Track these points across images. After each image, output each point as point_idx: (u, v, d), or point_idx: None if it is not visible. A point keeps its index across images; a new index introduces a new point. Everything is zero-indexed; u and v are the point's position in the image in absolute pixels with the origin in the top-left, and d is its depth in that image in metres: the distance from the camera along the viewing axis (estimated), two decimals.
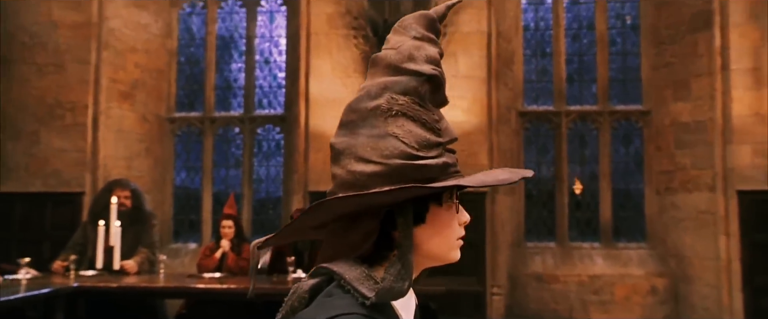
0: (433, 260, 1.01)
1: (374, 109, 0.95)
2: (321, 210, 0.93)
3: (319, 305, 0.90)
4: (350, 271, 0.91)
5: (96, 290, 4.41)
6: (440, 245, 0.98)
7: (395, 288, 0.90)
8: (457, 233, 1.00)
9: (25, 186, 5.98)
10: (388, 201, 0.92)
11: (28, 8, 6.14)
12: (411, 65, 0.97)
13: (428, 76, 0.98)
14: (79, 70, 6.10)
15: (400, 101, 0.95)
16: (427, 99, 0.97)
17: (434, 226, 0.97)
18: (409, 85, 0.96)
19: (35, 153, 6.01)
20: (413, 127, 0.94)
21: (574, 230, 6.72)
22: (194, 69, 7.07)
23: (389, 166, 0.91)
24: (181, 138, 6.93)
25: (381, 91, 0.96)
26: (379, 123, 0.94)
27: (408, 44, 1.00)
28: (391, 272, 0.91)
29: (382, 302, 0.89)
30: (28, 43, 6.14)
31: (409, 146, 0.92)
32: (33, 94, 6.06)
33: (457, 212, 1.00)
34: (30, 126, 6.04)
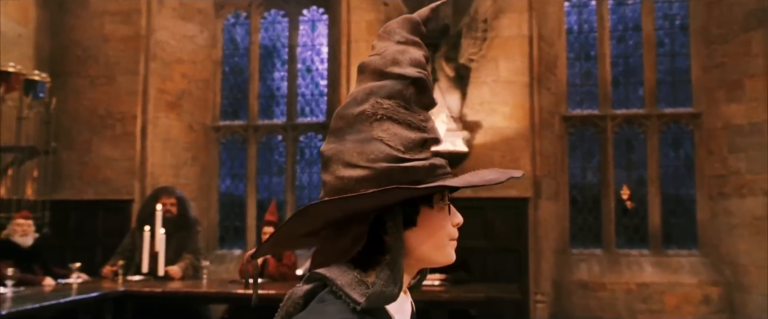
0: (428, 263, 1.00)
1: (360, 114, 0.96)
2: (307, 215, 0.93)
3: (311, 311, 0.91)
4: (342, 276, 0.91)
5: (142, 294, 4.54)
6: (433, 247, 0.98)
7: (386, 293, 0.90)
8: (450, 235, 1.00)
9: (79, 194, 6.21)
10: (376, 205, 0.92)
11: (81, 24, 6.40)
12: (395, 69, 0.98)
13: (413, 79, 0.98)
14: (129, 82, 6.31)
15: (385, 105, 0.95)
16: (412, 101, 0.98)
17: (426, 228, 0.97)
18: (394, 89, 0.96)
19: (88, 162, 6.24)
20: (399, 130, 0.94)
21: (622, 236, 6.54)
22: (238, 78, 7.21)
23: (376, 170, 0.92)
24: (225, 146, 7.07)
25: (366, 97, 0.97)
26: (365, 128, 0.94)
27: (392, 49, 1.01)
28: (381, 276, 0.91)
29: (373, 307, 0.89)
30: (81, 57, 6.38)
31: (394, 149, 0.92)
32: (86, 105, 6.30)
33: (449, 214, 0.99)
34: (83, 136, 6.27)
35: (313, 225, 0.97)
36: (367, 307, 0.88)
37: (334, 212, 0.93)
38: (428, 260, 1.00)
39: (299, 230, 0.97)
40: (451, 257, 1.01)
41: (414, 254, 0.97)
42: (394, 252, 0.93)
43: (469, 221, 4.75)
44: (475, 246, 5.74)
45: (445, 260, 1.00)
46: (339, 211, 0.93)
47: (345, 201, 0.91)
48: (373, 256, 0.95)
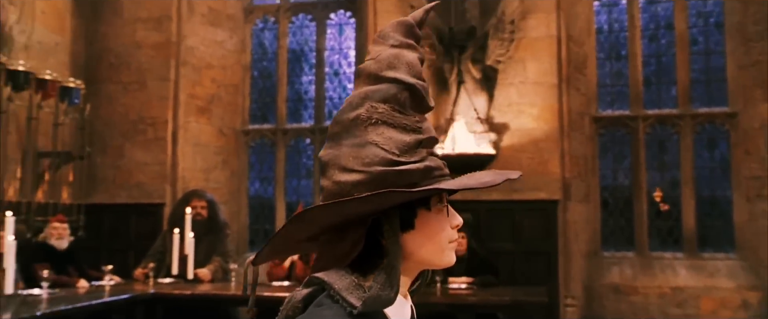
0: (427, 265, 1.00)
1: (355, 119, 0.96)
2: (304, 220, 0.93)
3: (308, 315, 0.91)
4: (340, 280, 0.91)
5: (172, 296, 4.62)
6: (432, 250, 0.97)
7: (382, 297, 0.89)
8: (449, 237, 0.99)
9: (112, 198, 6.35)
10: (372, 209, 0.92)
11: (114, 31, 6.54)
12: (390, 73, 0.97)
13: (407, 85, 0.97)
14: (160, 87, 6.43)
15: (380, 109, 0.95)
16: (407, 105, 0.97)
17: (424, 231, 0.96)
18: (388, 93, 0.96)
19: (121, 166, 6.38)
20: (394, 134, 0.94)
21: (655, 239, 6.41)
22: (267, 82, 7.29)
23: (371, 174, 0.92)
24: (254, 150, 7.15)
25: (361, 101, 0.97)
26: (360, 132, 0.95)
27: (386, 53, 1.01)
28: (378, 280, 0.91)
29: (370, 311, 0.89)
30: (114, 64, 6.53)
31: (389, 152, 0.92)
32: (118, 110, 6.43)
33: (447, 215, 0.99)
34: (116, 141, 6.41)
35: (312, 230, 0.96)
36: (364, 311, 0.88)
37: (331, 216, 0.93)
38: (428, 262, 0.99)
39: (297, 235, 0.97)
40: (450, 260, 1.00)
41: (413, 257, 0.97)
42: (391, 256, 0.92)
43: (497, 223, 4.76)
44: (504, 249, 5.69)
45: (445, 262, 1.00)
46: (336, 215, 0.93)
47: (340, 205, 0.90)
48: (372, 260, 0.94)
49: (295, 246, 1.04)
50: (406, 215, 0.95)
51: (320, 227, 0.95)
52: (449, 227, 0.99)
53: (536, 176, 5.86)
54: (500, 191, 5.90)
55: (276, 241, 0.98)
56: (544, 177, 5.86)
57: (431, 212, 0.96)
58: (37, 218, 5.29)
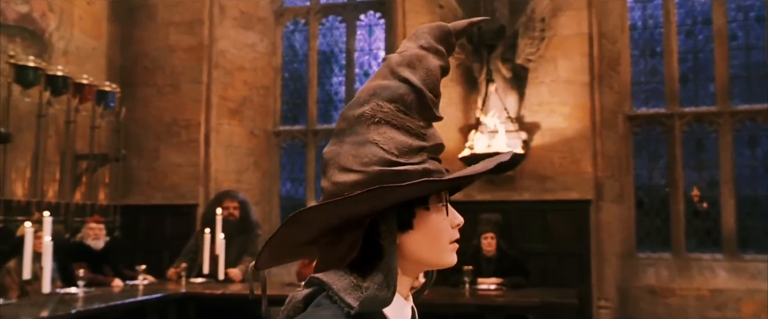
0: (428, 265, 0.99)
1: (360, 116, 0.95)
2: (300, 222, 0.93)
3: (306, 315, 0.91)
4: (339, 281, 0.91)
5: (203, 296, 4.69)
6: (432, 250, 0.96)
7: (379, 297, 0.89)
8: (450, 236, 0.97)
9: (148, 199, 6.48)
10: (367, 209, 0.91)
11: (149, 36, 6.68)
12: (405, 72, 0.96)
13: (416, 89, 0.96)
14: (193, 90, 6.54)
15: (385, 109, 0.94)
16: (413, 109, 0.96)
17: (423, 231, 0.95)
18: (396, 93, 0.95)
19: (155, 168, 6.51)
20: (395, 134, 0.93)
21: (692, 240, 6.24)
22: (297, 84, 7.35)
23: (368, 174, 0.91)
24: (286, 150, 7.22)
25: (369, 98, 0.96)
26: (363, 130, 0.94)
27: (412, 51, 1.00)
28: (375, 280, 0.90)
29: (368, 312, 0.89)
30: (149, 67, 6.67)
31: (388, 153, 0.91)
32: (153, 113, 6.57)
33: (447, 215, 0.97)
34: (151, 143, 6.54)
35: (309, 232, 0.96)
36: (361, 311, 0.88)
37: (327, 217, 0.92)
38: (428, 263, 0.98)
39: (295, 237, 0.96)
40: (451, 259, 0.99)
41: (412, 257, 0.96)
42: (387, 256, 0.91)
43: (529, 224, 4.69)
44: (535, 250, 5.62)
45: (446, 262, 0.98)
46: (331, 216, 0.92)
47: (334, 205, 0.90)
48: (371, 261, 0.94)
49: (296, 250, 1.03)
50: (404, 215, 0.94)
51: (318, 229, 0.95)
52: (450, 227, 0.97)
53: (568, 175, 5.78)
54: (531, 191, 5.85)
55: (274, 244, 0.97)
56: (576, 177, 5.77)
57: (430, 211, 0.95)
58: (75, 219, 5.43)
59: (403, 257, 0.95)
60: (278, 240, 0.96)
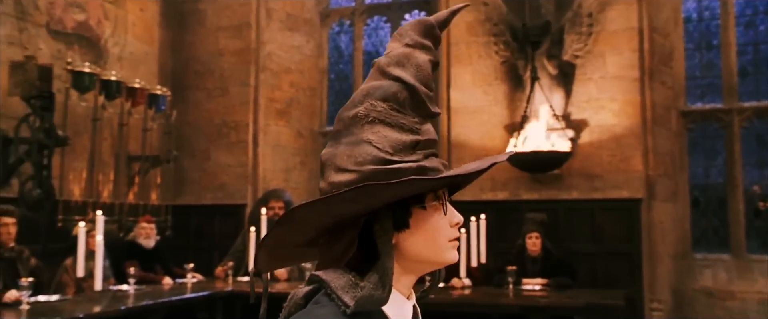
0: (427, 265, 0.98)
1: (354, 116, 0.95)
2: (292, 221, 0.92)
3: (304, 313, 0.91)
4: (338, 279, 0.91)
5: (248, 294, 4.77)
6: (429, 249, 0.95)
7: (374, 296, 0.89)
8: (448, 235, 0.96)
9: (199, 199, 6.65)
10: (361, 208, 0.90)
11: (199, 40, 6.86)
12: (395, 71, 0.96)
13: (408, 85, 0.95)
14: (241, 93, 6.67)
15: (378, 108, 0.93)
16: (407, 106, 0.95)
17: (420, 230, 0.94)
18: (389, 91, 0.94)
19: (206, 169, 6.67)
20: (389, 132, 0.92)
21: (753, 240, 5.97)
22: (343, 85, 7.40)
23: (362, 173, 0.90)
24: None
25: (363, 99, 0.95)
26: (357, 131, 0.93)
27: (398, 51, 0.99)
28: (371, 279, 0.90)
29: (364, 310, 0.88)
30: (200, 71, 6.84)
31: (382, 151, 0.91)
32: (204, 116, 6.74)
33: (445, 215, 0.95)
34: (202, 145, 6.72)
35: (305, 232, 0.95)
36: (356, 310, 0.88)
37: (319, 216, 0.91)
38: (427, 261, 0.97)
39: (291, 238, 0.96)
40: (451, 257, 0.97)
41: (411, 256, 0.95)
42: (383, 256, 0.91)
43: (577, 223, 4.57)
44: (583, 250, 5.49)
45: (445, 260, 0.97)
46: (324, 215, 0.91)
47: (324, 203, 0.88)
48: (370, 260, 0.93)
49: (296, 251, 1.02)
50: (399, 214, 0.93)
51: (313, 228, 0.94)
52: (448, 225, 0.96)
53: (617, 173, 5.62)
54: (580, 190, 5.71)
55: (270, 245, 0.96)
56: (626, 175, 5.61)
57: (427, 210, 0.94)
58: (128, 219, 5.62)
59: (402, 257, 0.95)
60: (274, 241, 0.95)
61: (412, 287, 1.03)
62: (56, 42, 5.57)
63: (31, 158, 4.92)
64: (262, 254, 0.97)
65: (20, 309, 3.63)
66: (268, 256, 0.98)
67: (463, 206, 4.34)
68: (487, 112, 6.05)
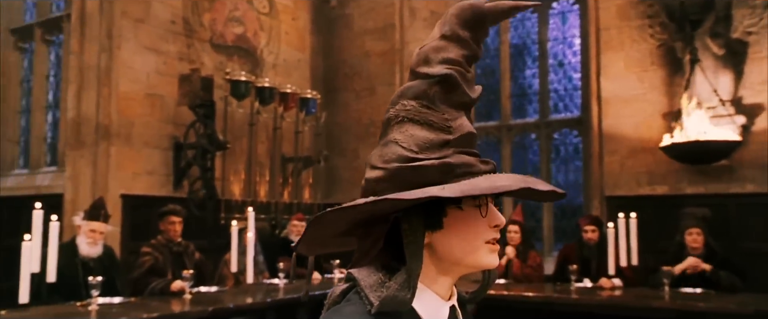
0: (464, 268, 0.94)
1: (388, 119, 0.95)
2: (323, 223, 0.92)
3: (335, 310, 0.92)
4: (368, 277, 0.91)
5: None
6: (464, 250, 0.92)
7: (398, 297, 0.87)
8: (485, 237, 0.92)
9: (350, 197, 6.86)
10: (388, 207, 0.88)
11: (346, 44, 7.13)
12: (423, 68, 0.93)
13: (438, 79, 0.92)
14: (387, 92, 6.82)
15: (408, 107, 0.92)
16: (437, 100, 0.92)
17: (455, 231, 0.91)
18: (419, 89, 0.93)
19: (356, 167, 6.91)
20: (417, 131, 0.91)
21: None
22: (490, 79, 7.26)
23: (388, 170, 0.90)
24: (480, 147, 7.11)
25: (397, 99, 0.95)
26: (389, 131, 0.93)
27: (430, 45, 0.96)
28: (397, 280, 0.88)
29: (387, 310, 0.87)
30: (348, 73, 7.11)
31: (407, 149, 0.89)
32: (352, 116, 6.98)
33: (483, 215, 0.92)
34: (351, 144, 6.97)
35: (338, 228, 0.95)
36: (380, 310, 0.87)
37: (347, 217, 0.91)
38: (461, 263, 0.93)
39: (325, 233, 0.96)
40: (488, 261, 0.93)
41: (445, 257, 0.93)
42: (408, 257, 0.89)
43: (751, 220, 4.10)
44: (758, 250, 4.88)
45: (481, 263, 0.93)
46: (351, 217, 0.91)
47: (345, 210, 0.89)
48: (401, 259, 0.92)
49: (332, 241, 1.02)
50: (433, 213, 0.91)
51: (346, 224, 0.94)
52: (488, 227, 0.92)
53: None
54: (755, 183, 5.09)
55: (306, 241, 0.96)
56: None
57: (464, 210, 0.91)
58: (284, 217, 5.99)
59: (437, 257, 0.93)
60: (309, 239, 0.95)
61: (455, 287, 0.99)
62: (218, 54, 6.09)
63: (197, 162, 5.43)
64: (302, 246, 0.97)
65: (183, 298, 4.02)
66: (307, 247, 0.98)
67: (614, 202, 4.16)
68: (642, 100, 5.60)
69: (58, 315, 3.37)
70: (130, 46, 5.29)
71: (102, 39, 5.17)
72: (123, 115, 5.20)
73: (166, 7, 5.61)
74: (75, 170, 5.07)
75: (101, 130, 5.09)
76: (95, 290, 3.50)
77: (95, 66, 5.13)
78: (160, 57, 5.52)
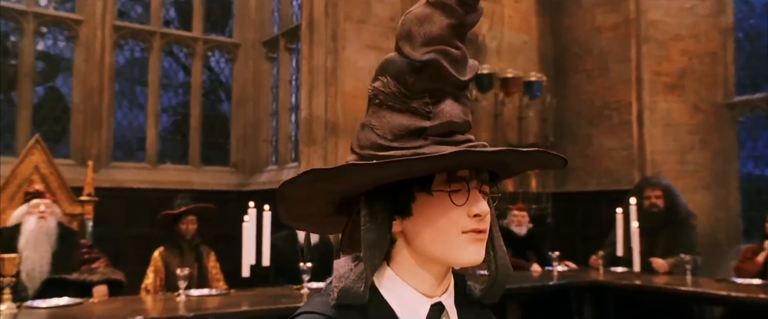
0: (438, 261, 0.85)
1: (369, 96, 0.88)
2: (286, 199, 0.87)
3: (308, 300, 0.89)
4: (342, 267, 0.86)
5: (613, 286, 4.41)
6: (435, 243, 0.83)
7: (353, 289, 0.82)
8: (461, 226, 0.82)
9: (584, 185, 6.43)
10: (349, 189, 0.84)
11: (575, 21, 6.64)
12: (405, 47, 0.83)
13: (417, 64, 0.82)
14: (621, 70, 6.19)
15: (387, 89, 0.84)
16: (417, 85, 0.83)
17: (425, 219, 0.83)
18: (399, 70, 0.83)
19: (589, 154, 6.40)
20: (393, 117, 0.83)
21: None
22: (756, 44, 6.12)
23: (361, 156, 0.85)
24: (743, 125, 6.09)
25: (379, 73, 0.87)
26: (368, 111, 0.88)
27: (414, 13, 0.84)
28: (355, 271, 0.83)
29: (344, 303, 0.82)
30: (577, 53, 6.62)
31: (381, 137, 0.83)
32: (584, 99, 6.48)
33: (459, 203, 0.82)
34: (583, 129, 6.47)
35: (318, 205, 0.90)
36: (338, 303, 0.83)
37: (309, 192, 0.85)
38: (434, 257, 0.84)
39: (309, 207, 0.91)
40: (463, 257, 0.83)
41: (418, 249, 0.85)
42: (364, 245, 0.83)
43: None
44: None
45: (456, 258, 0.83)
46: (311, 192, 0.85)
47: (293, 184, 0.83)
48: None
49: (325, 220, 0.96)
50: (401, 199, 0.83)
51: (322, 198, 0.88)
52: (466, 216, 0.82)
53: None
54: None
55: (286, 208, 0.91)
56: None
57: (433, 196, 0.82)
58: (508, 206, 5.80)
59: (412, 249, 0.85)
60: (287, 208, 0.90)
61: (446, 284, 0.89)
62: None
63: None
64: (282, 212, 0.92)
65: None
66: (288, 215, 0.93)
67: None
68: None
69: (275, 295, 3.72)
70: (354, 47, 5.62)
71: (328, 42, 5.57)
72: (348, 112, 5.54)
73: (386, 6, 5.83)
74: (309, 164, 5.55)
75: (330, 127, 5.50)
76: (306, 275, 3.78)
77: (323, 68, 5.55)
78: (380, 54, 5.75)
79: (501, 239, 0.93)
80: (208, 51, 6.61)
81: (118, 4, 6.07)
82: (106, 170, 5.93)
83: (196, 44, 6.45)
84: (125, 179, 5.99)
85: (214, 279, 4.25)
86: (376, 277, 0.86)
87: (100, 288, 3.82)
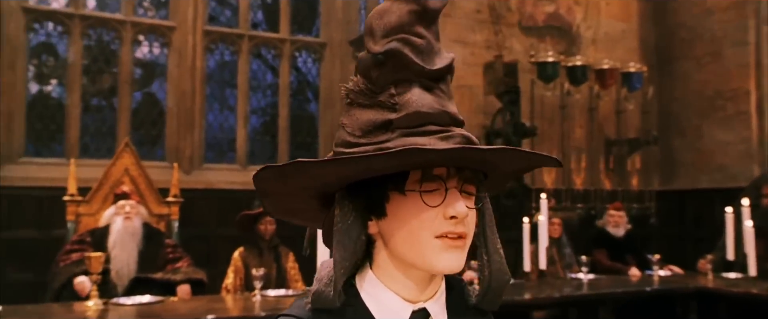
0: (413, 266, 0.80)
1: (342, 95, 0.87)
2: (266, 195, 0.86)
3: (293, 303, 0.86)
4: (322, 269, 0.82)
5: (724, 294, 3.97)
6: (407, 246, 0.78)
7: (324, 294, 0.79)
8: (433, 230, 0.77)
9: (693, 183, 5.88)
10: (317, 184, 0.81)
11: (683, 4, 6.10)
12: (368, 42, 0.82)
13: (377, 57, 0.80)
14: (738, 54, 5.60)
15: (356, 87, 0.83)
16: (381, 78, 0.81)
17: (398, 221, 0.79)
18: (364, 66, 0.83)
19: (699, 148, 5.86)
20: (362, 113, 0.82)
21: None
22: None
23: (335, 154, 0.83)
24: None
25: (355, 72, 0.86)
26: (343, 111, 0.87)
27: (376, 8, 0.84)
28: (328, 273, 0.80)
29: (319, 308, 0.80)
30: (685, 39, 6.08)
31: (350, 134, 0.82)
32: (693, 88, 5.94)
33: (432, 205, 0.77)
34: (693, 122, 5.93)
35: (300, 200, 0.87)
36: (313, 307, 0.80)
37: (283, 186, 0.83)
38: (408, 261, 0.79)
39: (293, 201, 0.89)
40: (438, 261, 0.77)
41: (394, 252, 0.81)
42: (335, 245, 0.80)
43: None
44: None
45: (429, 264, 0.78)
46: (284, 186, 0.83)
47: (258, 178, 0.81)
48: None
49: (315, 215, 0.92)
50: (376, 197, 0.80)
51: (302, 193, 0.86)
52: (442, 218, 0.77)
53: None
54: None
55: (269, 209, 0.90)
56: None
57: (405, 196, 0.78)
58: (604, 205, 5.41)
59: (390, 253, 0.82)
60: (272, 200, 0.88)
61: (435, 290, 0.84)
62: (529, 37, 5.83)
63: None
64: (267, 203, 0.90)
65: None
66: (275, 210, 0.91)
67: None
68: None
69: None
70: (440, 42, 5.43)
71: None
72: None
73: None
74: None
75: None
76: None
77: None
78: (466, 48, 5.54)
79: (498, 242, 0.85)
80: (295, 51, 6.65)
81: (208, 9, 6.23)
82: (199, 171, 6.10)
83: (283, 45, 6.51)
84: (216, 180, 6.13)
85: (292, 279, 4.22)
86: (359, 280, 0.83)
87: (184, 287, 3.89)
